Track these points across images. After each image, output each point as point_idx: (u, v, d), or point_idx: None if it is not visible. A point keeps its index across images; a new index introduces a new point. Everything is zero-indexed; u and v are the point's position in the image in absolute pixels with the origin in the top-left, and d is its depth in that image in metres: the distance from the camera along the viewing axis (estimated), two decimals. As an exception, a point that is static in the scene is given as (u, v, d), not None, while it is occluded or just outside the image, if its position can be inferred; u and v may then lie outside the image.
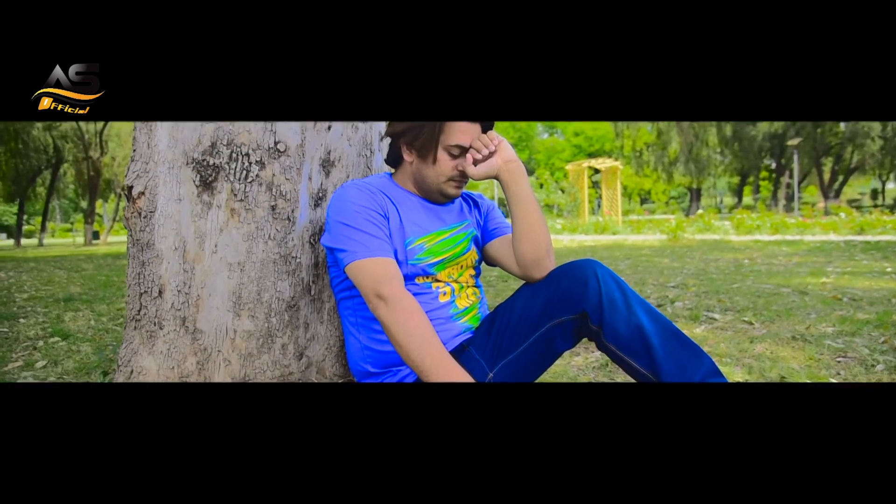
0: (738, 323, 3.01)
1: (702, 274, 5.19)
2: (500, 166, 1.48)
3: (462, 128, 1.47)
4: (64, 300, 4.57)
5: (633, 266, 6.23)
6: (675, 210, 34.90)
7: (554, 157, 52.15)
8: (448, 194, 1.54)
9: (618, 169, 20.23)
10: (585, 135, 50.00)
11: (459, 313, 1.53)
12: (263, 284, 1.59)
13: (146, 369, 1.63)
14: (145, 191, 1.59)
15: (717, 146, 32.39)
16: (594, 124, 49.14)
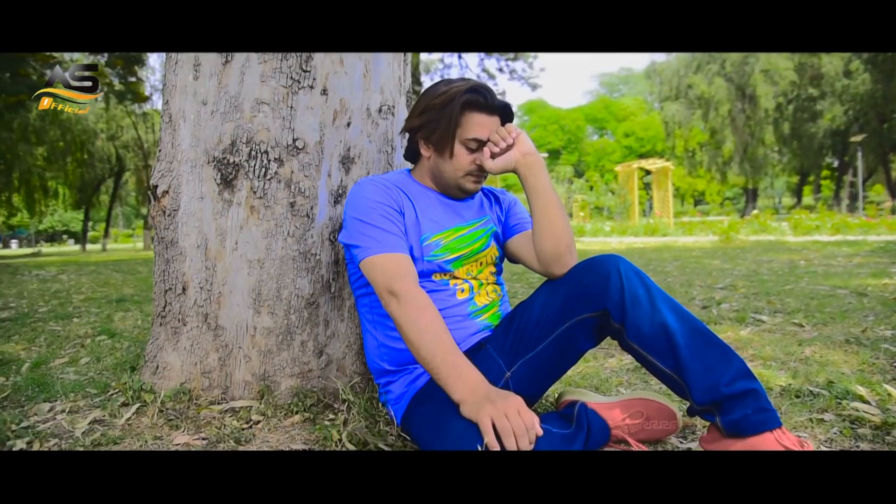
0: (788, 325, 2.86)
1: (753, 275, 4.99)
2: (518, 159, 1.43)
3: (479, 120, 1.43)
4: (116, 301, 4.73)
5: (682, 268, 6.04)
6: (731, 211, 33.84)
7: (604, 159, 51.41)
8: (466, 189, 1.50)
9: (669, 170, 19.75)
10: (636, 135, 49.09)
11: (478, 311, 1.49)
12: (283, 281, 1.59)
13: (171, 364, 1.65)
14: (169, 189, 1.61)
15: (773, 144, 31.23)
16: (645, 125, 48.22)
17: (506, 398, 1.13)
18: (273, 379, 1.60)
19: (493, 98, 1.43)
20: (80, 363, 2.48)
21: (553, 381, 1.47)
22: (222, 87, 1.55)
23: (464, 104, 1.41)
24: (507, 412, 1.10)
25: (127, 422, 1.56)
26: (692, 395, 1.27)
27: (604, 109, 58.13)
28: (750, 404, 1.23)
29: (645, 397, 1.47)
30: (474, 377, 1.21)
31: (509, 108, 1.46)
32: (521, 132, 1.44)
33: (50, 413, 1.71)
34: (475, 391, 1.17)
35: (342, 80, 1.62)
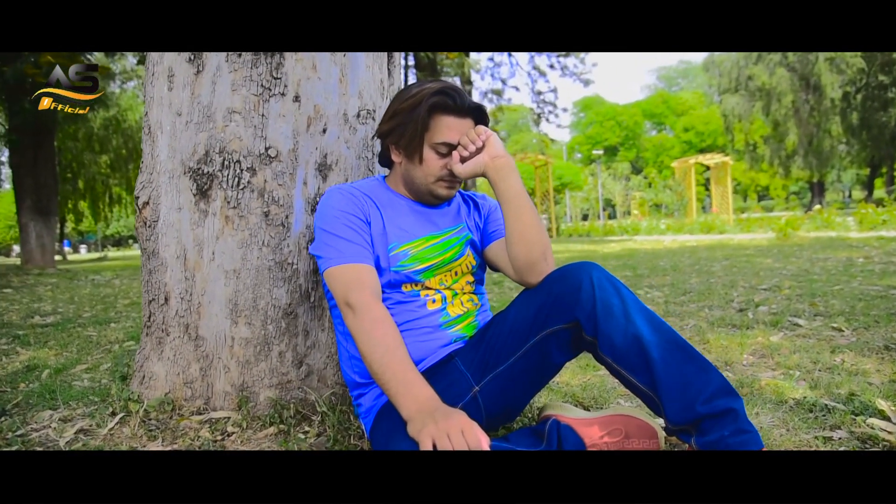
0: (825, 330, 2.68)
1: (803, 275, 4.72)
2: (487, 163, 1.37)
3: (448, 123, 1.37)
4: (156, 306, 4.87)
5: (729, 267, 5.78)
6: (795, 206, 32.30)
7: (663, 155, 50.08)
8: (439, 195, 1.45)
9: (728, 164, 19.05)
10: (696, 130, 47.61)
11: (451, 321, 1.43)
12: (259, 291, 1.57)
13: (156, 374, 1.66)
14: (149, 201, 1.63)
15: (841, 136, 29.64)
16: (705, 119, 46.73)
17: (449, 417, 1.07)
18: (252, 390, 1.59)
19: (463, 99, 1.37)
20: (99, 369, 2.55)
21: (528, 395, 1.40)
22: (195, 98, 1.54)
23: (431, 107, 1.36)
24: (449, 432, 1.04)
25: (110, 431, 1.58)
26: (667, 414, 1.18)
27: (662, 104, 56.61)
28: (728, 425, 1.13)
29: (626, 413, 1.38)
30: (424, 394, 1.15)
31: (482, 110, 1.40)
32: (492, 134, 1.37)
33: (47, 421, 1.75)
34: (422, 409, 1.12)
35: (316, 85, 1.59)
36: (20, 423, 1.75)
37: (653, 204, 29.57)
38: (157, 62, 1.59)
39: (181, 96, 1.56)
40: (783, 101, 29.12)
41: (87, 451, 1.21)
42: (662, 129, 56.71)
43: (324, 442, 1.39)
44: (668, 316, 3.29)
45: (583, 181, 43.39)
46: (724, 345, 2.51)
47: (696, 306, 3.56)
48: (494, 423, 1.42)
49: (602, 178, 45.49)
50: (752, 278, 4.74)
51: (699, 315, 3.24)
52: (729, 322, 3.00)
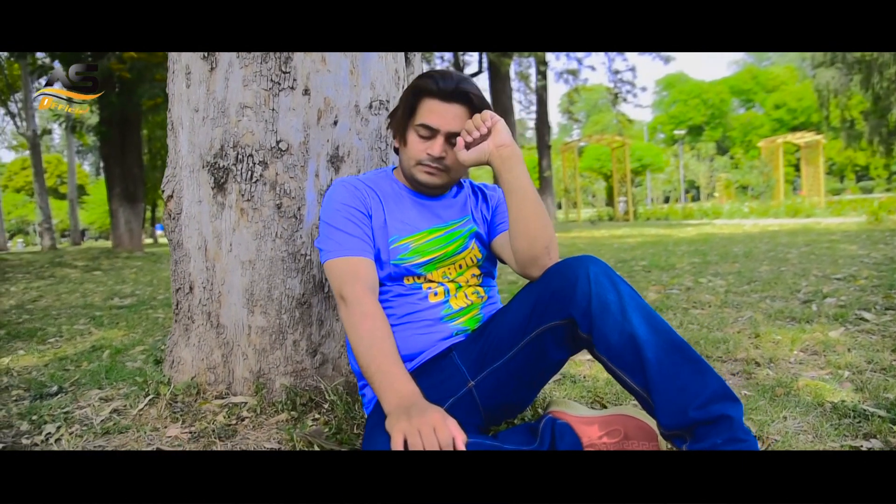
0: (894, 326, 2.48)
1: (887, 263, 4.37)
2: (492, 151, 1.33)
3: (430, 106, 1.35)
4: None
5: (807, 254, 5.43)
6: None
7: (751, 134, 47.50)
8: (420, 181, 1.41)
9: (820, 143, 17.85)
10: (788, 107, 44.80)
11: (453, 314, 1.42)
12: (273, 282, 1.61)
13: (184, 359, 1.74)
14: (173, 194, 1.70)
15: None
16: (798, 94, 43.87)
17: (423, 413, 1.06)
18: (268, 377, 1.64)
19: (447, 83, 1.35)
20: (153, 351, 2.71)
21: (529, 391, 1.38)
22: (210, 94, 1.59)
23: (416, 89, 1.37)
24: (421, 428, 1.03)
25: (139, 412, 1.67)
26: (659, 418, 1.13)
27: (751, 80, 53.55)
28: (722, 432, 1.07)
29: (626, 413, 1.33)
30: (406, 389, 1.15)
31: (468, 96, 1.36)
32: (499, 120, 1.33)
33: (92, 399, 1.88)
34: (401, 404, 1.11)
35: (325, 78, 1.60)
36: (69, 401, 1.89)
37: (739, 186, 28.15)
38: (176, 60, 1.66)
39: (198, 93, 1.61)
40: (885, 74, 26.84)
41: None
42: (751, 106, 53.70)
43: (322, 430, 1.42)
44: (726, 307, 3.14)
45: (664, 162, 41.86)
46: (774, 339, 2.37)
47: (759, 296, 3.37)
48: (495, 418, 1.40)
49: (685, 159, 43.73)
50: (828, 267, 4.44)
51: (759, 306, 3.07)
52: (789, 315, 2.82)
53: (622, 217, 18.96)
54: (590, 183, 40.46)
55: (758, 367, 2.01)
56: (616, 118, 25.27)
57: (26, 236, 43.41)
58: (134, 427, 1.59)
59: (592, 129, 51.15)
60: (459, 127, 1.35)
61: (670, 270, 4.81)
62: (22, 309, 4.58)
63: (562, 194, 23.74)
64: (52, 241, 19.75)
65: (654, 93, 62.32)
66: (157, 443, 1.49)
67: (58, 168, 35.60)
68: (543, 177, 21.17)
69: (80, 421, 1.68)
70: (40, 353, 2.82)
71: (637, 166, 36.00)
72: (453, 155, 1.37)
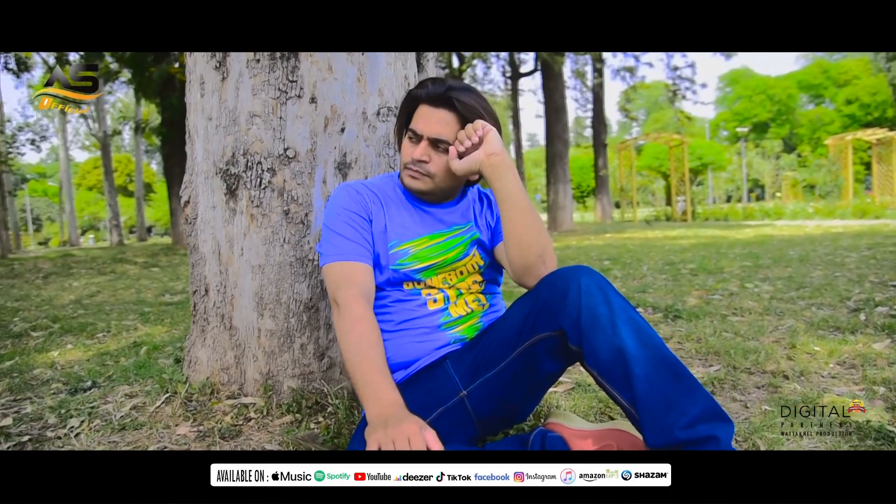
0: (946, 339, 2.33)
1: (953, 270, 4.12)
2: (483, 160, 1.32)
3: (420, 112, 1.37)
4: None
5: (867, 259, 5.16)
6: None
7: (820, 131, 45.36)
8: (406, 185, 1.43)
9: (894, 140, 16.90)
10: (860, 102, 42.56)
11: (451, 322, 1.41)
12: (281, 286, 1.65)
13: (200, 359, 1.80)
14: (190, 199, 1.75)
15: None
16: (873, 88, 41.63)
17: (399, 423, 1.06)
18: (276, 379, 1.68)
19: (436, 88, 1.35)
20: (176, 350, 2.80)
21: (521, 402, 1.36)
22: (222, 103, 1.64)
23: (410, 96, 1.41)
24: (395, 439, 1.03)
25: (156, 409, 1.74)
26: (645, 436, 1.09)
27: (820, 74, 51.07)
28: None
29: (621, 429, 1.30)
30: (387, 398, 1.15)
31: (452, 101, 1.35)
32: (490, 129, 1.32)
33: (118, 396, 1.96)
34: (381, 413, 1.12)
35: (332, 86, 1.62)
36: (98, 397, 1.98)
37: (806, 185, 26.97)
38: (192, 70, 1.71)
39: (211, 102, 1.66)
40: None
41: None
42: (821, 101, 51.27)
43: (317, 435, 1.44)
44: (768, 314, 3.01)
45: (726, 161, 40.45)
46: (811, 351, 2.26)
47: (805, 304, 3.23)
48: (490, 429, 1.39)
49: (749, 157, 42.18)
50: (887, 272, 4.21)
51: (803, 314, 2.94)
52: (833, 324, 2.69)
53: (680, 217, 18.45)
54: (648, 182, 39.54)
55: (785, 381, 1.93)
56: (676, 115, 24.64)
57: (97, 232, 45.74)
58: (148, 424, 1.65)
59: (653, 126, 49.91)
60: (446, 134, 1.34)
61: (717, 274, 4.65)
62: (79, 304, 4.82)
63: (617, 194, 23.30)
64: (120, 238, 20.70)
65: (716, 89, 60.31)
66: (166, 440, 1.54)
67: (127, 167, 37.32)
68: (599, 176, 20.82)
69: (102, 416, 1.75)
70: (86, 348, 2.96)
71: (697, 165, 34.92)
72: (439, 161, 1.37)
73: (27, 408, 1.90)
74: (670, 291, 3.87)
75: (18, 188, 33.95)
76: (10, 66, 12.62)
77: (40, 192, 49.92)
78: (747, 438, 1.45)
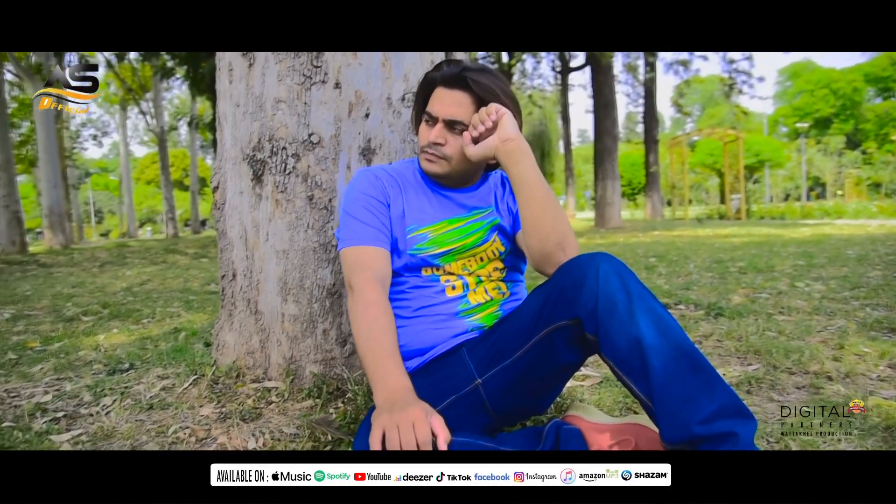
0: None
1: None
2: (497, 146, 1.28)
3: (436, 94, 1.35)
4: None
5: (927, 261, 4.88)
6: None
7: (888, 126, 43.26)
8: (423, 169, 1.41)
9: (968, 136, 15.97)
10: (935, 94, 40.30)
11: (470, 310, 1.39)
12: (305, 272, 1.65)
13: (227, 343, 1.83)
14: (219, 185, 1.78)
15: None
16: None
17: (405, 408, 1.04)
18: (299, 363, 1.68)
19: (451, 69, 1.34)
20: (206, 334, 2.85)
21: (540, 393, 1.33)
22: (249, 89, 1.65)
23: (427, 79, 1.39)
24: (399, 424, 1.01)
25: (184, 391, 1.77)
26: (661, 431, 1.05)
27: (890, 66, 48.68)
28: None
29: (641, 423, 1.25)
30: (397, 383, 1.14)
31: (466, 81, 1.32)
32: (505, 113, 1.29)
33: (151, 377, 2.01)
34: (389, 398, 1.10)
35: (356, 71, 1.61)
36: (133, 378, 2.03)
37: (871, 183, 25.79)
38: (221, 58, 1.73)
39: (238, 89, 1.68)
40: None
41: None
42: (889, 95, 48.85)
43: (330, 419, 1.44)
44: (818, 313, 2.87)
45: (785, 158, 38.98)
46: (860, 352, 2.14)
47: (859, 304, 3.07)
48: (507, 420, 1.36)
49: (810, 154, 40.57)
50: (947, 273, 3.98)
51: (855, 315, 2.79)
52: (887, 325, 2.55)
53: (734, 216, 17.88)
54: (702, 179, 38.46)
55: (829, 382, 1.83)
56: (731, 111, 23.87)
57: (154, 225, 47.44)
58: (175, 405, 1.68)
59: (708, 122, 48.52)
60: (461, 115, 1.32)
61: (767, 273, 4.48)
62: (129, 291, 4.99)
63: (668, 191, 22.75)
64: (175, 230, 21.39)
65: (775, 83, 58.24)
66: (189, 421, 1.57)
67: (183, 162, 38.51)
68: (650, 172, 20.36)
69: (133, 396, 1.80)
70: (130, 332, 3.06)
71: (754, 162, 33.77)
72: (455, 144, 1.34)
73: (67, 386, 1.97)
74: (715, 289, 3.74)
75: (81, 182, 35.51)
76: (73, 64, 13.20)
77: (102, 186, 52.11)
78: (780, 440, 1.38)
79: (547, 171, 36.19)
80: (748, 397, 1.73)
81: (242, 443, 1.42)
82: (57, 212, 13.56)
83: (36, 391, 1.95)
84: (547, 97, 30.20)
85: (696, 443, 1.00)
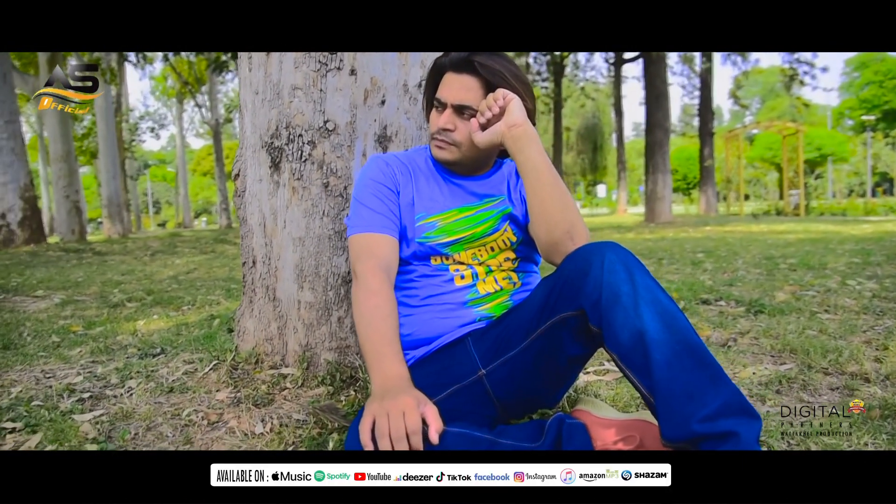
0: None
1: None
2: (504, 132, 1.25)
3: (445, 79, 1.33)
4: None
5: None
6: None
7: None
8: (434, 156, 1.39)
9: None
10: None
11: (478, 299, 1.36)
12: (320, 259, 1.66)
13: (248, 329, 1.85)
14: (240, 172, 1.80)
15: None
16: None
17: (397, 396, 1.03)
18: (314, 351, 1.69)
19: (460, 53, 1.31)
20: (228, 321, 2.90)
21: (546, 386, 1.29)
22: (268, 77, 1.66)
23: (436, 65, 1.37)
24: (389, 412, 1.00)
25: (203, 375, 1.81)
26: (661, 427, 1.00)
27: (968, 55, 45.92)
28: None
29: (647, 420, 1.20)
30: (394, 371, 1.12)
31: (473, 65, 1.29)
32: (513, 98, 1.25)
33: (177, 361, 2.06)
34: (383, 385, 1.09)
35: (372, 58, 1.60)
36: (161, 362, 2.08)
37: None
38: (242, 46, 1.75)
39: (258, 76, 1.69)
40: None
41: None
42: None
43: (336, 406, 1.44)
44: (866, 312, 2.73)
45: (849, 152, 37.24)
46: (908, 354, 2.02)
47: (913, 304, 2.90)
48: (514, 412, 1.34)
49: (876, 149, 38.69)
50: None
51: (908, 315, 2.64)
52: (943, 327, 2.40)
53: (792, 211, 17.19)
54: (760, 174, 37.12)
55: (866, 384, 1.73)
56: (792, 103, 22.92)
57: (209, 216, 48.82)
58: (193, 389, 1.71)
59: (768, 114, 46.83)
60: (469, 99, 1.29)
61: (819, 270, 4.28)
62: (175, 279, 5.14)
63: (724, 186, 22.04)
64: (228, 221, 21.94)
65: (841, 74, 55.62)
66: (205, 405, 1.59)
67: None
68: (704, 167, 19.77)
69: (157, 379, 1.84)
70: (168, 319, 3.15)
71: (816, 156, 32.37)
72: (465, 130, 1.31)
73: (98, 369, 2.04)
74: (760, 286, 3.60)
75: (140, 173, 36.84)
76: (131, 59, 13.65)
77: (160, 178, 53.99)
78: (801, 442, 1.31)
79: (599, 164, 35.55)
80: (777, 397, 1.65)
81: (251, 427, 1.44)
82: (115, 202, 14.12)
83: (70, 373, 2.02)
84: (600, 89, 29.63)
85: (697, 441, 0.96)
